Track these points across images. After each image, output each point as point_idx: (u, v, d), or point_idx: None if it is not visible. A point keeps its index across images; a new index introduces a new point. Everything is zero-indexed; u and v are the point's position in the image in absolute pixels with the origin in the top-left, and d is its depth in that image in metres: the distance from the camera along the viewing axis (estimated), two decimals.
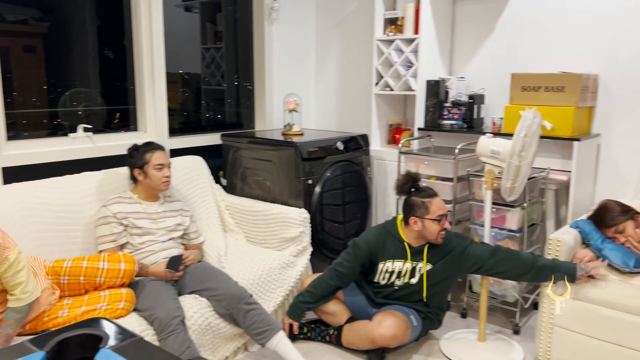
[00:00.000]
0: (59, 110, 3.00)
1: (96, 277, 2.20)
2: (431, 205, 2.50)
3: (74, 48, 3.07)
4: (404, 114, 3.92)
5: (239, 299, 2.41)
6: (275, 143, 3.18)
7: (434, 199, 2.52)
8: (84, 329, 1.11)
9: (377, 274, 2.65)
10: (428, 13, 3.34)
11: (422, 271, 2.56)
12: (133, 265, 2.27)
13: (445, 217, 2.51)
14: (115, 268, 2.23)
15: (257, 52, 3.88)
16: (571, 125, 2.87)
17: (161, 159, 2.59)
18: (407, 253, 2.58)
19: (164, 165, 2.59)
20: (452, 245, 2.55)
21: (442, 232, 2.52)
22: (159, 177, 2.58)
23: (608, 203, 2.57)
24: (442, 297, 2.67)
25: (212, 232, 3.00)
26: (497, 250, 2.49)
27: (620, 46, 3.00)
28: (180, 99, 3.71)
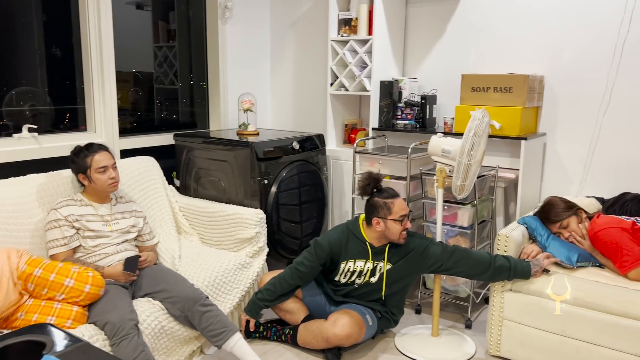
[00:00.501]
0: (3, 110, 2.88)
1: (57, 292, 2.13)
2: (393, 206, 2.52)
3: (18, 45, 2.95)
4: (359, 114, 3.96)
5: (194, 301, 2.38)
6: (230, 143, 3.15)
7: (396, 199, 2.54)
8: (27, 335, 1.07)
9: (339, 274, 2.67)
10: (381, 14, 3.39)
11: (383, 270, 2.60)
12: (98, 290, 2.20)
13: (407, 217, 2.55)
14: (79, 288, 2.16)
15: (211, 51, 3.83)
16: (518, 124, 2.97)
17: (103, 161, 2.50)
18: (368, 253, 2.60)
19: (107, 167, 2.50)
20: (413, 245, 2.59)
21: (404, 232, 2.55)
22: (104, 180, 2.50)
23: (553, 200, 2.67)
24: (400, 297, 2.72)
25: (165, 234, 2.95)
26: (456, 250, 2.55)
27: (563, 49, 3.12)
28: (132, 98, 3.62)
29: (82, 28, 3.05)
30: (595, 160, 3.11)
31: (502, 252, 2.53)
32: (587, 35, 3.04)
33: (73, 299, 2.15)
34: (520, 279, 2.46)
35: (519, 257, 2.55)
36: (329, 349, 2.57)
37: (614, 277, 2.36)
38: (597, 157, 3.10)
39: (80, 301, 2.17)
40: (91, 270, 2.21)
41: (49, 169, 2.74)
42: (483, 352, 2.67)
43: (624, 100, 2.98)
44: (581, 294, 2.33)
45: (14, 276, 2.08)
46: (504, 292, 2.53)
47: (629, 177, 3.01)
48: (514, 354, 2.54)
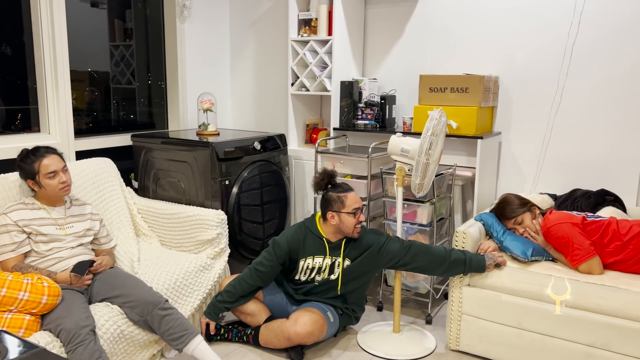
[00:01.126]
0: None
1: (12, 306, 2.05)
2: (347, 200, 2.57)
3: None
4: (320, 114, 3.98)
5: (154, 305, 2.34)
6: (190, 143, 3.11)
7: (349, 193, 2.60)
8: None
9: (299, 272, 2.68)
10: (340, 15, 3.42)
11: (341, 267, 2.62)
12: (56, 299, 2.14)
13: (360, 210, 2.59)
14: (36, 300, 2.09)
15: (169, 50, 3.78)
16: (475, 124, 3.05)
17: (52, 165, 2.42)
18: (326, 249, 2.63)
19: (57, 172, 2.43)
20: (370, 241, 2.62)
21: (358, 225, 2.59)
22: (55, 185, 2.43)
23: (508, 197, 2.75)
24: (360, 293, 2.74)
25: (123, 236, 2.89)
26: (413, 245, 2.59)
27: (516, 51, 3.22)
28: (87, 98, 3.53)
29: (34, 26, 2.95)
30: (547, 158, 3.22)
31: (460, 248, 2.59)
32: (539, 38, 3.15)
33: (30, 310, 2.09)
34: (476, 273, 2.53)
35: (476, 252, 2.62)
36: (292, 348, 2.58)
37: (567, 271, 2.45)
38: (549, 155, 3.21)
39: (36, 312, 2.10)
40: (45, 280, 2.15)
41: (1, 171, 2.64)
42: (443, 347, 2.73)
43: (574, 101, 3.10)
44: (535, 287, 2.41)
45: None
46: (463, 287, 2.59)
47: (579, 174, 3.13)
48: (472, 348, 2.61)
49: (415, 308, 3.20)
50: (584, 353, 2.31)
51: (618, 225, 2.47)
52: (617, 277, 2.38)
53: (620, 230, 2.45)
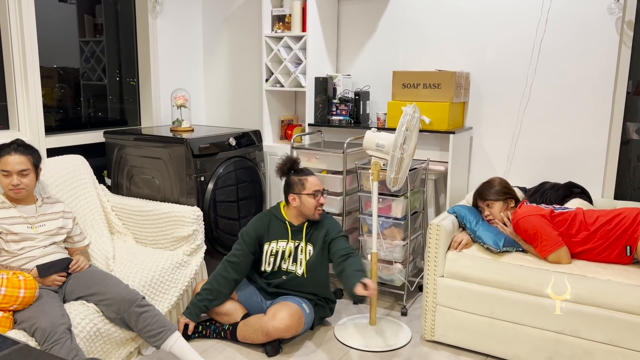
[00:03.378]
0: None
1: None
2: (307, 182, 2.70)
3: None
4: (295, 110, 3.99)
5: (130, 302, 2.32)
6: (164, 140, 3.09)
7: (310, 176, 2.74)
8: None
9: (264, 259, 2.75)
10: (314, 11, 3.43)
11: (304, 253, 2.71)
12: (33, 292, 2.11)
13: (320, 193, 2.73)
14: (14, 295, 2.05)
15: (141, 47, 3.73)
16: (447, 119, 3.11)
17: (9, 165, 2.36)
18: (288, 232, 2.74)
19: (10, 173, 2.37)
20: (329, 227, 2.72)
21: (319, 207, 2.72)
22: (5, 184, 2.38)
23: (494, 179, 2.80)
24: (324, 281, 2.77)
25: (97, 234, 2.85)
26: (352, 254, 2.59)
27: (486, 48, 3.30)
28: (57, 95, 3.47)
29: (2, 21, 2.88)
30: (517, 152, 3.30)
31: (434, 240, 2.64)
32: (508, 35, 3.23)
33: (8, 306, 2.05)
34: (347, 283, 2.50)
35: (450, 245, 2.68)
36: (269, 342, 2.59)
37: (536, 261, 2.53)
38: (519, 149, 3.30)
39: (16, 307, 2.07)
40: (20, 274, 2.12)
41: None
42: (418, 338, 2.78)
43: (542, 96, 3.19)
44: (507, 277, 2.48)
45: None
46: (437, 278, 2.64)
47: (548, 167, 3.23)
48: (447, 338, 2.67)
49: (390, 300, 3.25)
50: (553, 340, 2.39)
51: (585, 215, 2.56)
52: (584, 265, 2.47)
53: (587, 220, 2.54)
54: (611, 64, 2.98)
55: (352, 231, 3.36)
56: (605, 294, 2.28)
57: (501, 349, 2.53)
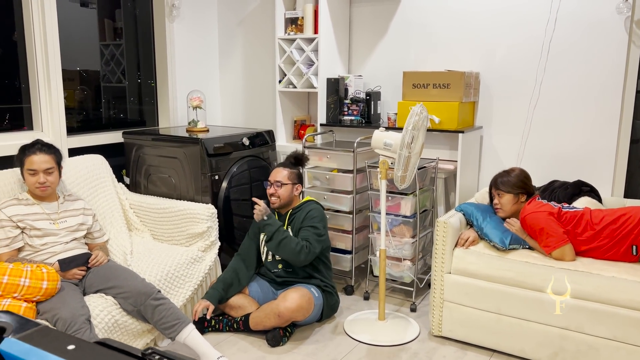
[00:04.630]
0: None
1: (14, 293, 2.13)
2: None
3: None
4: (307, 110, 4.07)
5: (147, 295, 2.43)
6: (180, 140, 3.19)
7: (276, 167, 2.95)
8: None
9: (261, 249, 2.94)
10: (326, 14, 3.51)
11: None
12: (55, 284, 2.22)
13: (269, 183, 2.91)
14: (37, 286, 2.17)
15: (158, 49, 3.85)
16: (456, 118, 3.16)
17: (35, 164, 2.49)
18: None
19: (37, 172, 2.49)
20: (305, 218, 2.87)
21: (271, 197, 2.91)
22: (31, 183, 2.50)
23: (514, 170, 2.81)
24: (316, 264, 2.90)
25: (116, 231, 2.97)
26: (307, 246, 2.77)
27: (496, 48, 3.33)
28: (78, 96, 3.60)
29: (26, 26, 3.01)
30: (527, 151, 3.33)
31: (442, 237, 2.69)
32: (517, 35, 3.26)
33: (31, 297, 2.17)
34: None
35: (457, 242, 2.73)
36: (270, 331, 2.68)
37: (542, 258, 2.56)
38: (528, 148, 3.33)
39: (39, 298, 2.18)
40: (44, 267, 2.23)
41: None
42: (426, 333, 2.84)
43: (552, 95, 3.21)
44: (513, 274, 2.52)
45: None
46: (444, 275, 2.70)
47: (557, 166, 3.25)
48: (454, 333, 2.72)
49: (400, 297, 3.31)
50: (559, 335, 2.43)
51: (591, 215, 2.59)
52: (589, 263, 2.50)
53: (593, 219, 2.56)
54: (620, 63, 3.00)
55: (362, 229, 3.43)
56: (610, 290, 2.31)
57: (507, 344, 2.57)
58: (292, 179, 2.91)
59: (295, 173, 2.95)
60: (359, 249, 3.39)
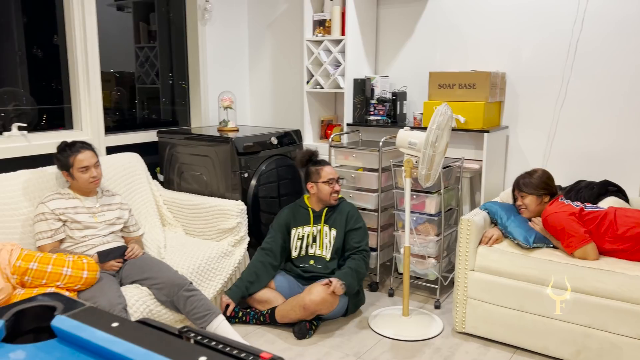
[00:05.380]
0: None
1: (57, 281, 2.28)
2: (322, 171, 3.03)
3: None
4: (334, 110, 4.15)
5: (179, 287, 2.54)
6: (212, 139, 3.31)
7: (325, 166, 3.06)
8: (38, 301, 1.23)
9: (292, 244, 3.03)
10: (353, 15, 3.58)
11: (328, 237, 3.01)
12: (95, 274, 2.36)
13: (335, 180, 3.03)
14: (78, 275, 2.30)
15: (191, 52, 3.98)
16: (482, 118, 3.19)
17: (85, 161, 2.63)
18: (310, 217, 3.06)
19: (89, 167, 2.64)
20: (349, 218, 3.00)
21: (334, 194, 3.02)
22: (85, 179, 2.65)
23: (536, 171, 2.84)
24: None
25: (150, 225, 3.10)
26: (354, 255, 2.93)
27: (522, 48, 3.35)
28: (114, 97, 3.76)
29: (68, 30, 3.17)
30: (553, 151, 3.34)
31: (465, 235, 2.74)
32: (544, 35, 3.27)
33: (72, 286, 2.30)
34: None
35: (481, 240, 2.77)
36: (297, 323, 2.77)
37: (565, 257, 2.58)
38: (555, 148, 3.33)
39: (80, 287, 2.32)
40: (84, 257, 2.36)
41: (38, 165, 2.87)
42: (450, 330, 2.88)
43: (579, 95, 3.22)
44: (536, 272, 2.55)
45: (6, 271, 2.21)
46: (468, 272, 2.74)
47: (584, 166, 3.25)
48: (477, 330, 2.76)
49: (424, 294, 3.35)
50: (582, 333, 2.45)
51: (616, 215, 2.58)
52: (613, 262, 2.50)
53: (618, 220, 2.55)
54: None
55: (387, 227, 3.49)
56: (634, 289, 2.32)
57: (530, 342, 2.60)
58: None
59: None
60: (383, 247, 3.46)
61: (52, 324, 1.15)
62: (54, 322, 1.15)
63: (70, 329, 1.12)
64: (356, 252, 2.95)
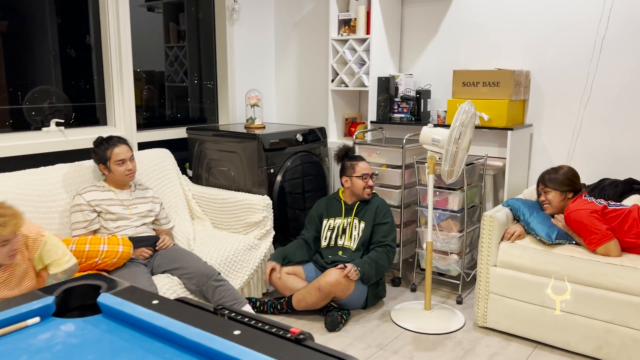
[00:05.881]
0: (27, 106, 3.13)
1: (96, 257, 2.41)
2: (357, 166, 3.13)
3: (34, 46, 3.19)
4: (358, 108, 4.21)
5: (208, 277, 2.64)
6: (239, 135, 3.41)
7: (360, 161, 3.15)
8: (84, 280, 1.33)
9: (322, 234, 3.16)
10: (378, 15, 3.64)
11: (357, 229, 3.08)
12: (129, 249, 2.49)
13: (369, 176, 3.12)
14: (114, 250, 2.44)
15: (219, 51, 4.09)
16: (505, 116, 3.21)
17: (121, 154, 2.76)
18: (342, 209, 3.16)
19: (125, 160, 2.76)
20: (377, 212, 3.08)
21: (367, 189, 3.11)
22: (122, 172, 2.77)
23: (562, 168, 2.86)
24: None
25: (180, 219, 3.21)
26: (377, 248, 3.01)
27: (547, 46, 3.36)
28: (145, 95, 3.88)
29: (103, 31, 3.30)
30: (577, 149, 3.35)
31: (488, 231, 2.77)
32: (569, 33, 3.28)
33: (110, 260, 2.42)
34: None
35: (503, 236, 2.80)
36: (328, 315, 2.83)
37: (587, 253, 2.60)
38: (579, 146, 3.34)
39: (117, 261, 2.44)
40: (118, 235, 2.50)
41: (75, 159, 3.00)
42: (471, 324, 2.92)
43: (604, 94, 3.22)
44: (558, 267, 2.57)
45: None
46: (490, 267, 2.78)
47: (609, 164, 3.25)
48: (498, 324, 2.79)
49: (447, 290, 3.39)
50: (603, 329, 2.47)
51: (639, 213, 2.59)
52: (636, 258, 2.51)
53: None
54: None
55: (410, 223, 3.53)
56: None
57: (551, 337, 2.63)
58: None
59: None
60: (406, 243, 3.51)
61: (98, 300, 1.24)
62: (99, 298, 1.24)
63: (115, 305, 1.21)
64: (380, 246, 3.02)
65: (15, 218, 1.97)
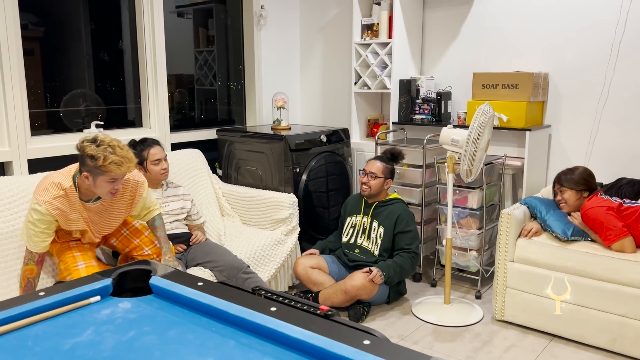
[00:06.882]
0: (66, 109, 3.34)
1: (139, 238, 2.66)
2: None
3: (69, 51, 3.37)
4: (380, 109, 4.34)
5: (238, 269, 2.81)
6: (266, 136, 3.58)
7: (370, 160, 3.28)
8: (136, 265, 1.50)
9: (345, 229, 3.30)
10: (400, 20, 3.76)
11: (375, 232, 3.17)
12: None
13: (364, 172, 3.20)
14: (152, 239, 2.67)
15: (247, 55, 4.26)
16: (524, 117, 3.31)
17: (157, 154, 2.93)
18: (362, 206, 3.26)
19: (160, 160, 2.94)
20: (399, 220, 3.12)
21: (363, 185, 3.20)
22: (158, 171, 2.94)
23: (577, 168, 2.97)
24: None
25: (211, 215, 3.39)
26: (400, 254, 3.10)
27: (565, 49, 3.45)
28: (176, 98, 4.07)
29: (139, 36, 3.50)
30: (595, 150, 3.42)
31: (505, 228, 2.88)
32: (587, 36, 3.36)
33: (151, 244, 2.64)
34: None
35: (520, 233, 2.91)
36: (352, 308, 2.97)
37: (602, 249, 2.69)
38: (597, 146, 3.41)
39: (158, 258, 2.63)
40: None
41: None
42: (489, 318, 3.03)
43: (621, 95, 3.29)
44: (573, 263, 2.67)
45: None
46: (507, 262, 2.88)
47: (625, 164, 3.32)
48: (516, 318, 2.90)
49: (466, 286, 3.50)
50: (618, 322, 2.56)
51: None
52: None
53: None
54: None
55: (431, 221, 3.65)
56: None
57: (567, 330, 2.72)
58: (385, 173, 3.20)
59: (389, 168, 3.23)
60: (427, 240, 3.63)
61: (150, 282, 1.41)
62: (151, 280, 1.41)
63: (165, 286, 1.38)
64: (406, 252, 3.11)
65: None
